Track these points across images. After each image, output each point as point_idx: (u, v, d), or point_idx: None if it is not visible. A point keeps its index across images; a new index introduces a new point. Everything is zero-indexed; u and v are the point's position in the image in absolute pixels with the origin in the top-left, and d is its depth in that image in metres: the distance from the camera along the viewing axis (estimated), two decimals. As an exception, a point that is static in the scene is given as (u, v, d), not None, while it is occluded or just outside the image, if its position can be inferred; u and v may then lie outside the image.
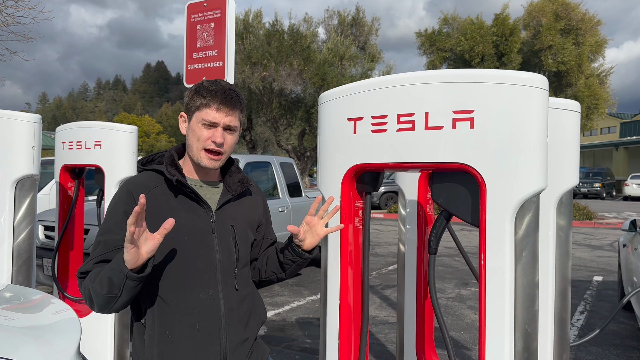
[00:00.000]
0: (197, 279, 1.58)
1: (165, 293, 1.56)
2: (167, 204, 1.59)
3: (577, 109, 2.26)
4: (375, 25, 19.53)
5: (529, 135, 1.53)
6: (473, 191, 1.64)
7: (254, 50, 16.00)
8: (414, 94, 1.69)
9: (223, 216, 1.66)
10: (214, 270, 1.60)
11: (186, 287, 1.56)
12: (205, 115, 1.57)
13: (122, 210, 1.56)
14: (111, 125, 3.83)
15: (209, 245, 1.60)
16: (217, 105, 1.57)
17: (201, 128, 1.58)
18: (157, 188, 1.61)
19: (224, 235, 1.64)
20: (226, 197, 1.68)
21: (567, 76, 19.35)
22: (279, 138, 19.42)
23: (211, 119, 1.57)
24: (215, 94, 1.57)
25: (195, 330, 1.56)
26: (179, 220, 1.56)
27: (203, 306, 1.57)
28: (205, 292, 1.58)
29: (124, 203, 1.57)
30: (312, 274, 8.30)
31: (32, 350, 1.74)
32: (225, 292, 1.61)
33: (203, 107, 1.57)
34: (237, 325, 1.63)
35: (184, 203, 1.61)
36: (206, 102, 1.57)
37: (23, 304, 2.37)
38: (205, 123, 1.57)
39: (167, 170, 1.60)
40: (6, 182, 3.55)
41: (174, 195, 1.61)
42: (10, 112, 3.59)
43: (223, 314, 1.59)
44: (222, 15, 3.65)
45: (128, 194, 1.59)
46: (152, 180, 1.63)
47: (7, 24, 11.05)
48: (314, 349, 4.80)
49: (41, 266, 5.50)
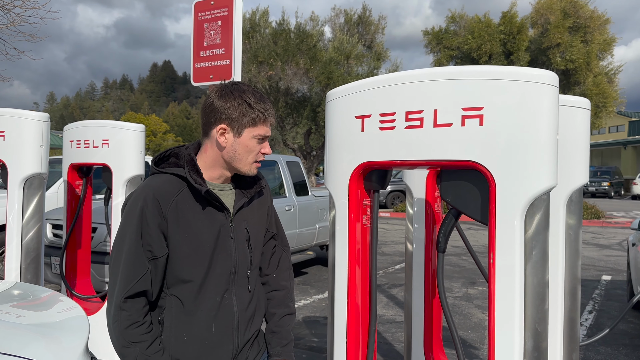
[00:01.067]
0: (215, 284, 1.60)
1: (184, 297, 1.57)
2: (190, 212, 1.58)
3: (588, 107, 2.24)
4: (381, 24, 19.49)
5: (539, 133, 1.51)
6: (482, 189, 1.63)
7: (260, 49, 16.01)
8: (423, 90, 1.67)
9: (239, 220, 1.68)
10: (230, 274, 1.62)
11: (204, 291, 1.58)
12: (261, 131, 1.62)
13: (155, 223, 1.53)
14: (118, 123, 3.84)
15: (228, 251, 1.62)
16: (271, 120, 1.65)
17: (255, 143, 1.63)
18: (180, 194, 1.58)
19: (240, 239, 1.66)
20: (242, 200, 1.69)
21: (575, 74, 19.21)
22: (285, 137, 19.43)
23: (265, 133, 1.63)
24: (266, 110, 1.62)
25: (211, 332, 1.59)
26: (201, 228, 1.57)
27: (219, 309, 1.60)
28: (221, 295, 1.61)
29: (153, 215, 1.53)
30: (318, 273, 8.30)
31: (40, 347, 1.74)
32: (238, 293, 1.64)
33: (259, 123, 1.61)
34: (247, 323, 1.67)
35: (206, 209, 1.60)
36: (263, 117, 1.61)
37: (32, 301, 2.38)
38: (260, 138, 1.63)
39: (192, 178, 1.57)
40: (15, 180, 3.57)
41: (196, 201, 1.59)
42: (18, 111, 3.61)
43: (236, 314, 1.63)
44: (229, 13, 3.65)
45: (154, 201, 1.54)
46: (173, 185, 1.59)
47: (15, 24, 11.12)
48: (321, 347, 4.80)
49: (49, 264, 5.54)
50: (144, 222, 1.52)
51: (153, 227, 1.52)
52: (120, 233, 1.55)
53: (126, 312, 1.50)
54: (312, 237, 8.19)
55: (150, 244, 1.52)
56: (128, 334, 1.50)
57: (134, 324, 1.51)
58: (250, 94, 1.61)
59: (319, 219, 8.37)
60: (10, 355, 1.61)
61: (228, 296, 1.62)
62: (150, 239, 1.52)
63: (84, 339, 1.92)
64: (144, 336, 1.52)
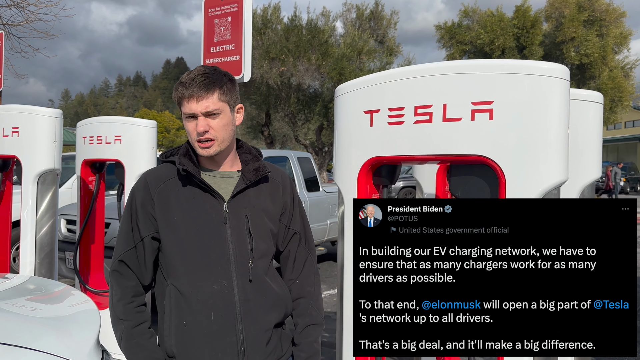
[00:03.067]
0: (210, 270, 1.57)
1: (180, 284, 1.57)
2: (179, 196, 1.60)
3: (600, 100, 2.21)
4: (394, 19, 19.38)
5: (549, 127, 1.50)
6: (492, 184, 1.62)
7: (272, 46, 16.03)
8: (432, 85, 1.66)
9: (237, 206, 1.63)
10: (227, 261, 1.59)
11: (199, 278, 1.57)
12: (185, 109, 1.57)
13: (141, 203, 1.62)
14: (131, 120, 3.87)
15: (221, 236, 1.59)
16: (188, 95, 1.55)
17: (187, 123, 1.59)
18: (171, 180, 1.63)
19: (238, 225, 1.62)
20: (240, 186, 1.65)
21: (590, 68, 18.97)
22: (297, 133, 19.45)
23: (189, 111, 1.56)
24: (185, 86, 1.56)
25: (210, 321, 1.56)
26: (189, 212, 1.58)
27: (217, 297, 1.56)
28: (218, 282, 1.57)
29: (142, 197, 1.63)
30: (329, 269, 8.31)
31: (52, 340, 1.77)
32: (240, 283, 1.59)
33: (183, 101, 1.57)
34: (255, 316, 1.61)
35: (195, 194, 1.60)
36: (180, 95, 1.57)
37: (45, 295, 2.41)
38: (188, 117, 1.58)
39: (178, 160, 1.61)
40: (29, 176, 3.61)
41: (186, 186, 1.62)
42: (32, 107, 3.66)
43: (238, 305, 1.58)
44: (239, 9, 3.66)
45: (145, 184, 1.64)
46: (166, 171, 1.66)
47: (30, 21, 11.25)
48: (331, 342, 4.81)
49: (63, 259, 5.60)
50: (133, 203, 1.63)
51: (140, 208, 1.61)
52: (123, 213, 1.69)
53: (115, 287, 1.60)
54: (323, 232, 8.20)
55: (137, 224, 1.61)
56: (117, 309, 1.58)
57: (122, 301, 1.58)
58: (187, 73, 1.60)
59: (330, 214, 8.37)
60: (23, 347, 1.63)
61: (228, 285, 1.58)
62: (137, 218, 1.61)
63: (95, 332, 1.94)
64: (131, 314, 1.58)
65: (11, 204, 4.08)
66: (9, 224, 4.07)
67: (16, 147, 3.63)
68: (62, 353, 1.68)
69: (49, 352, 1.66)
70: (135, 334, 1.56)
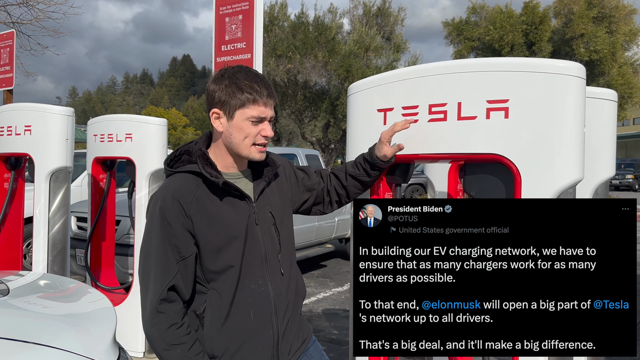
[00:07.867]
0: (247, 271, 1.60)
1: (221, 289, 1.58)
2: (213, 206, 1.57)
3: (614, 98, 2.20)
4: (401, 15, 19.30)
5: (565, 125, 1.49)
6: (507, 182, 1.62)
7: (279, 43, 16.00)
8: (446, 83, 1.66)
9: (262, 205, 1.66)
10: (261, 260, 1.62)
11: (238, 280, 1.59)
12: (254, 112, 1.54)
13: (179, 223, 1.53)
14: (142, 118, 3.89)
15: (255, 237, 1.62)
16: (264, 100, 1.55)
17: (249, 125, 1.56)
18: (199, 190, 1.58)
19: (266, 223, 1.66)
20: (261, 185, 1.67)
21: (599, 65, 18.82)
22: (303, 130, 19.43)
23: (260, 114, 1.55)
24: (259, 90, 1.54)
25: (249, 319, 1.60)
26: (227, 219, 1.57)
27: (254, 296, 1.60)
28: (255, 282, 1.61)
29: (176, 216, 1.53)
30: (337, 266, 8.31)
31: (70, 338, 1.78)
32: (273, 278, 1.64)
33: (249, 104, 1.54)
34: (286, 308, 1.67)
35: (227, 200, 1.59)
36: (253, 97, 1.53)
37: (60, 292, 2.43)
38: (255, 120, 1.55)
39: (206, 172, 1.56)
40: (41, 173, 3.64)
41: (216, 194, 1.59)
42: (44, 106, 3.68)
43: (272, 300, 1.63)
44: (250, 7, 3.66)
45: (174, 202, 1.53)
46: (190, 183, 1.58)
47: (39, 19, 11.31)
48: (341, 340, 4.81)
49: (74, 256, 5.65)
50: (166, 225, 1.52)
51: (177, 228, 1.52)
52: (146, 239, 1.56)
53: (164, 315, 1.51)
54: (331, 230, 8.19)
55: (177, 245, 1.52)
56: (168, 336, 1.50)
57: (173, 326, 1.51)
58: (242, 74, 1.56)
59: (338, 211, 8.36)
60: (42, 345, 1.65)
61: (263, 282, 1.61)
62: (176, 239, 1.52)
63: (112, 329, 1.96)
64: (184, 337, 1.52)
65: (23, 201, 4.12)
66: (22, 221, 4.10)
67: (29, 145, 3.66)
68: (80, 351, 1.70)
69: (67, 349, 1.67)
70: (192, 355, 1.52)
